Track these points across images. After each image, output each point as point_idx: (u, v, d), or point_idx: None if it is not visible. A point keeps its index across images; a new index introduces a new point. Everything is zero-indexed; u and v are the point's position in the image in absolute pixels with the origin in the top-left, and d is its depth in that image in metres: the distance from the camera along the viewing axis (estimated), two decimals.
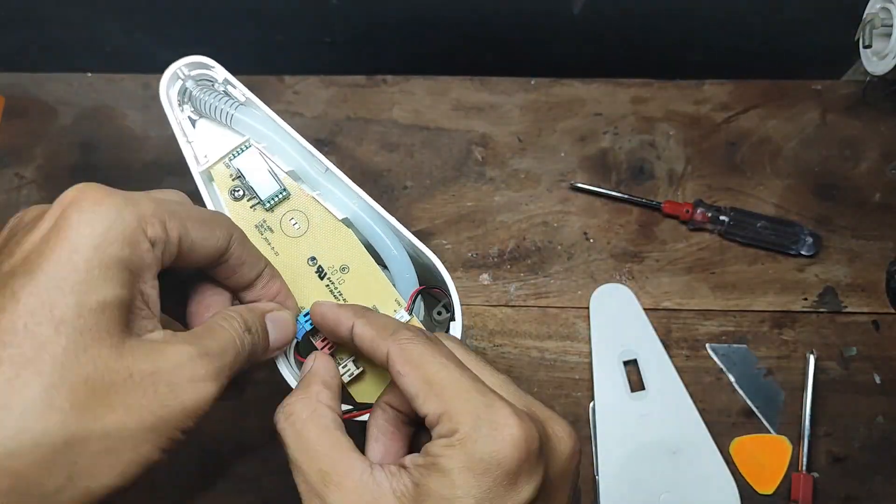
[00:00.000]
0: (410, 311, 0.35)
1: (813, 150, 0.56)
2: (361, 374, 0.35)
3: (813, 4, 0.62)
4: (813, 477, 0.48)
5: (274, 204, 0.36)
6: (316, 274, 0.36)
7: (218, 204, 0.36)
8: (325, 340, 0.35)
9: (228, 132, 0.37)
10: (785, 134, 0.57)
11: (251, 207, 0.36)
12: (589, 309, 0.52)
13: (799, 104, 0.58)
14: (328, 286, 0.36)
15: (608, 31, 0.65)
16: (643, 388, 0.49)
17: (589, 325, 0.52)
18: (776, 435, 0.49)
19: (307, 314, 0.34)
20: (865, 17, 0.52)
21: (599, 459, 0.47)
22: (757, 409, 0.50)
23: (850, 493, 0.48)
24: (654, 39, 0.66)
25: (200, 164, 0.36)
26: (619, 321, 0.51)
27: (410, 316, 0.35)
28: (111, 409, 0.23)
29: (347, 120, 0.58)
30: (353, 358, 0.35)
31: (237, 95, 0.37)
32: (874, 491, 0.48)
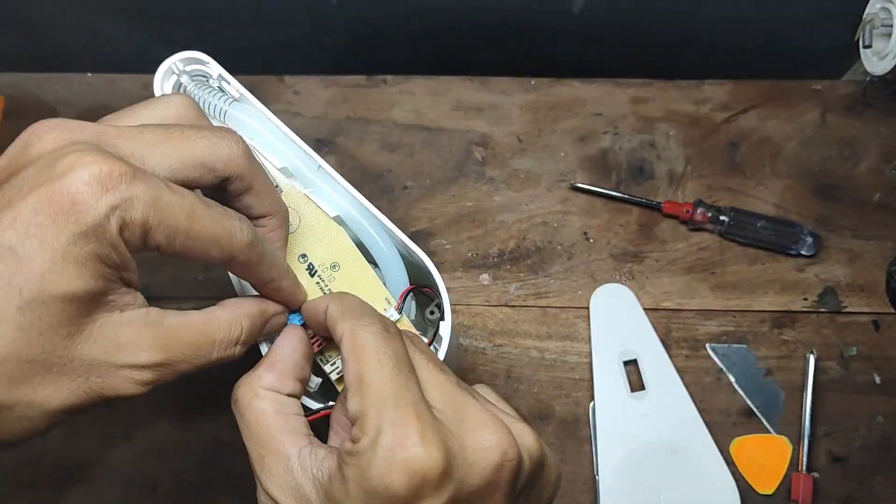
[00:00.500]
0: (400, 310, 0.35)
1: (813, 150, 0.56)
2: None
3: (813, 4, 0.62)
4: (813, 477, 0.48)
5: None
6: (307, 271, 0.36)
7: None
8: (314, 337, 0.35)
9: None
10: (785, 134, 0.57)
11: None
12: (589, 309, 0.52)
13: (799, 104, 0.58)
14: (318, 283, 0.35)
15: (608, 31, 0.65)
16: (643, 388, 0.49)
17: (589, 325, 0.52)
18: (776, 435, 0.49)
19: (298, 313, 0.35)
20: (865, 17, 0.52)
21: (599, 459, 0.47)
22: (757, 409, 0.50)
23: (850, 493, 0.48)
24: (654, 39, 0.66)
25: None
26: (619, 321, 0.51)
27: (400, 315, 0.35)
28: (41, 387, 0.24)
29: (347, 120, 0.58)
30: (341, 355, 0.35)
31: (231, 91, 0.37)
32: (874, 491, 0.48)
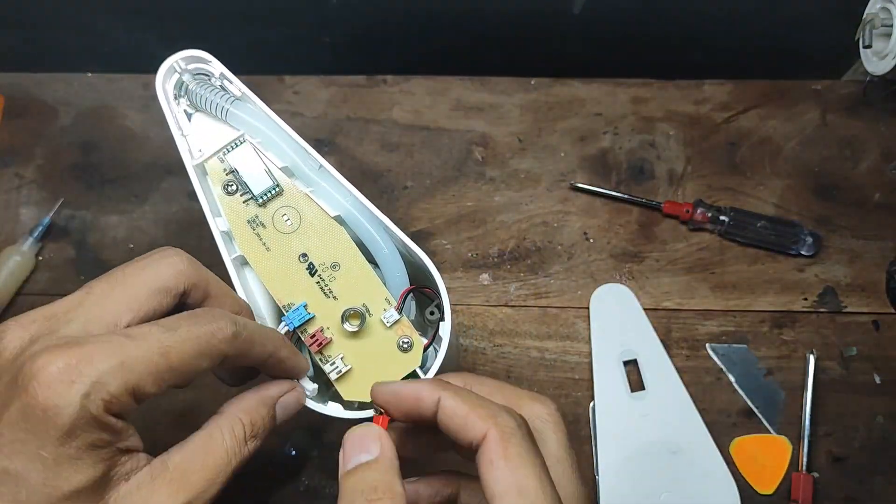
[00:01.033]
0: (400, 310, 0.35)
1: (813, 150, 0.56)
2: (349, 371, 0.35)
3: (813, 4, 0.62)
4: (813, 477, 0.48)
5: (267, 199, 0.36)
6: (307, 270, 0.36)
7: (211, 198, 0.36)
8: (313, 337, 0.35)
9: (224, 127, 0.37)
10: (785, 134, 0.57)
11: (244, 202, 0.36)
12: (589, 309, 0.52)
13: (799, 104, 0.58)
14: (318, 283, 0.36)
15: (608, 31, 0.65)
16: (643, 388, 0.49)
17: (589, 325, 0.52)
18: (776, 435, 0.49)
19: (297, 309, 0.35)
20: (865, 17, 0.52)
21: (599, 459, 0.47)
22: (757, 409, 0.50)
23: (850, 493, 0.48)
24: (654, 39, 0.66)
25: (195, 157, 0.36)
26: (619, 321, 0.51)
27: (400, 315, 0.35)
28: None
29: (347, 120, 0.58)
30: (341, 355, 0.35)
31: (233, 90, 0.37)
32: (874, 491, 0.48)
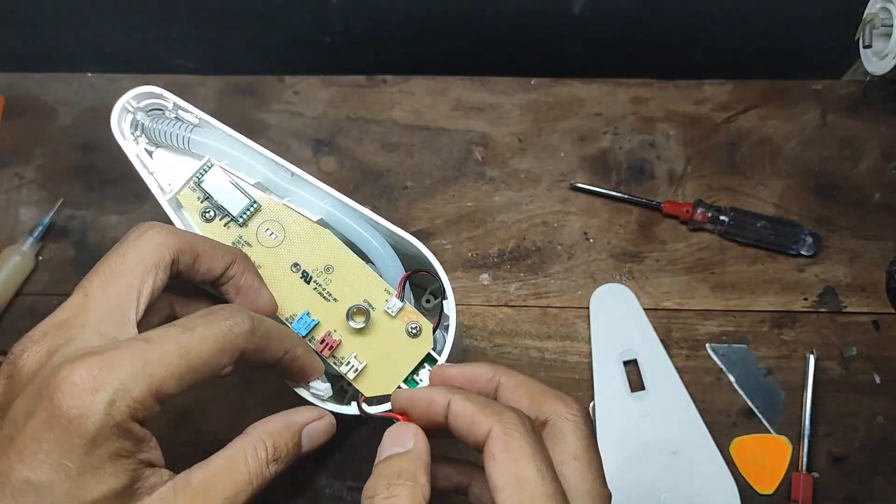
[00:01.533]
0: (402, 297, 0.35)
1: (813, 150, 0.56)
2: (365, 368, 0.35)
3: (813, 4, 0.62)
4: (813, 477, 0.48)
5: (247, 218, 0.36)
6: (301, 279, 0.36)
7: (190, 228, 0.36)
8: (323, 342, 0.35)
9: (187, 157, 0.37)
10: (785, 134, 0.57)
11: (225, 226, 0.36)
12: (589, 309, 0.52)
13: (799, 104, 0.58)
14: (316, 289, 0.36)
15: (608, 31, 0.65)
16: (643, 388, 0.49)
17: (589, 325, 0.52)
18: (776, 435, 0.49)
19: (301, 318, 0.35)
20: (865, 17, 0.52)
21: None
22: (757, 409, 0.50)
23: (850, 493, 0.48)
24: (654, 39, 0.66)
25: (166, 192, 0.36)
26: (619, 321, 0.51)
27: (403, 302, 0.35)
28: None
29: (347, 120, 0.58)
30: (353, 354, 0.35)
31: (190, 119, 0.37)
32: (874, 491, 0.48)
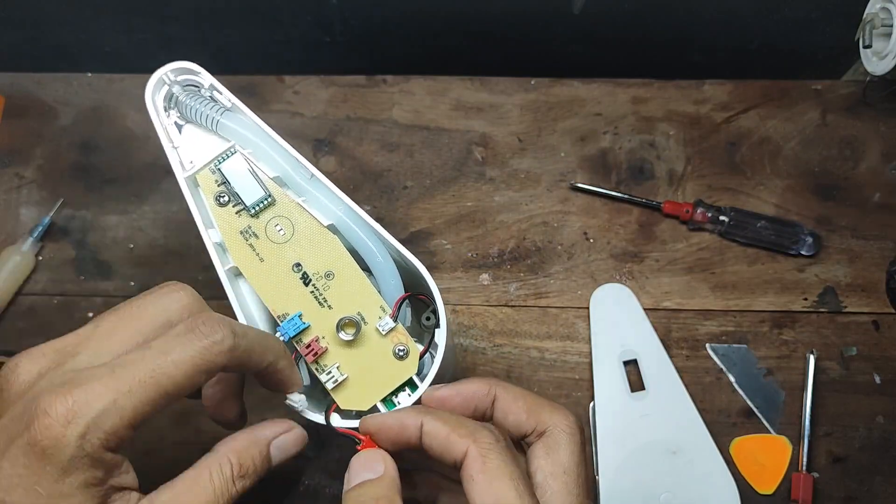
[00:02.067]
0: (395, 318, 0.35)
1: (813, 150, 0.56)
2: (345, 380, 0.35)
3: (813, 4, 0.62)
4: (813, 477, 0.48)
5: (259, 210, 0.36)
6: (301, 280, 0.35)
7: (203, 209, 0.36)
8: (308, 347, 0.35)
9: (214, 138, 0.37)
10: (785, 134, 0.57)
11: (236, 213, 0.36)
12: (589, 309, 0.52)
13: (799, 104, 0.58)
14: (313, 292, 0.35)
15: (608, 31, 0.65)
16: (643, 388, 0.49)
17: (589, 325, 0.52)
18: (776, 435, 0.49)
19: (292, 319, 0.35)
20: (865, 17, 0.52)
21: (599, 459, 0.47)
22: (757, 409, 0.50)
23: (850, 493, 0.48)
24: (654, 39, 0.66)
25: (186, 169, 0.36)
26: (619, 321, 0.51)
27: (395, 323, 0.35)
28: None
29: (347, 120, 0.58)
30: (336, 364, 0.35)
31: (223, 101, 0.37)
32: (874, 491, 0.48)
